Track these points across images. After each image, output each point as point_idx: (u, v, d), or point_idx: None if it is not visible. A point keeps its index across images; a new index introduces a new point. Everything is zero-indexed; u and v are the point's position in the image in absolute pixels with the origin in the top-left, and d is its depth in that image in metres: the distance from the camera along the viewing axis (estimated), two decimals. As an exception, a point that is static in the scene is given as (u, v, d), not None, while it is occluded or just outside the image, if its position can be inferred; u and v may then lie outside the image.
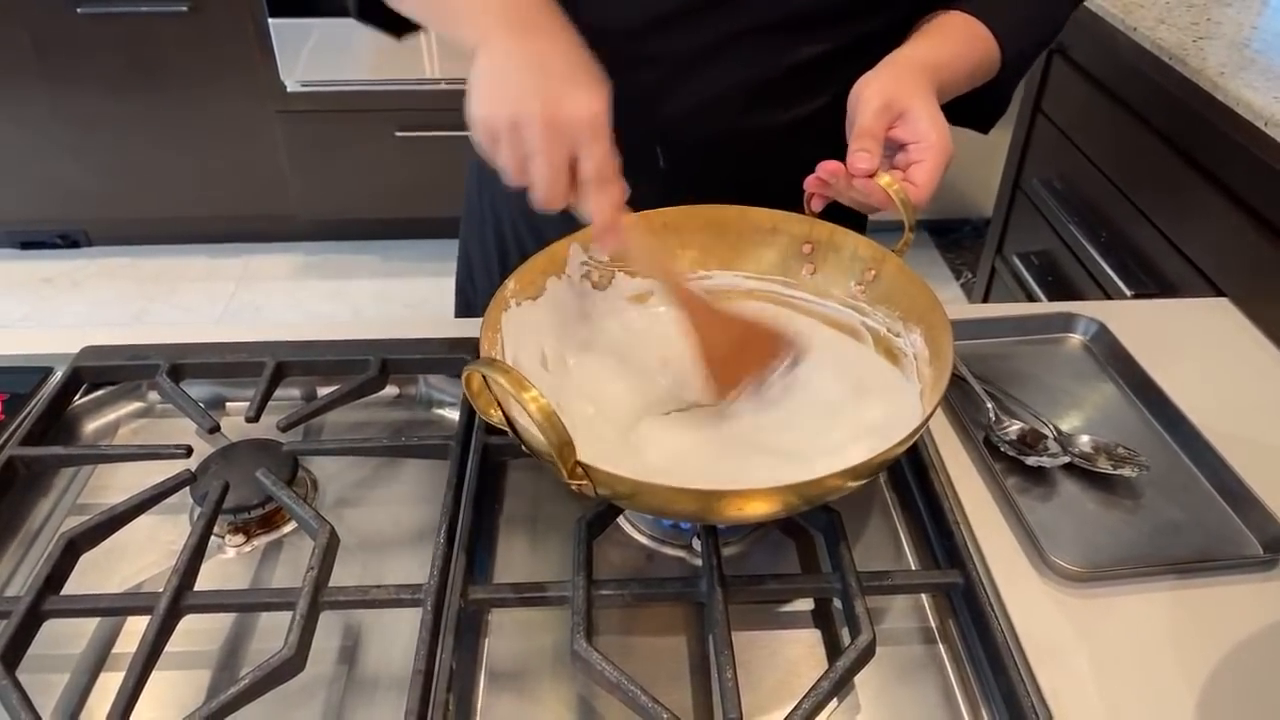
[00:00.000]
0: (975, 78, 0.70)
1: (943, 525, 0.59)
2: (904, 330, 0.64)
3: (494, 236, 0.89)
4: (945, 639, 0.57)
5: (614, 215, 0.56)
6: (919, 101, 0.61)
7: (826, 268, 0.69)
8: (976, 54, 0.69)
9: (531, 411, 0.46)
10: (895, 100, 0.61)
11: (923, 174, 0.60)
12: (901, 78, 0.62)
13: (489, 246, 0.90)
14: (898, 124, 0.62)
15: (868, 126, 0.61)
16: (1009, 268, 1.72)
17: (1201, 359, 0.79)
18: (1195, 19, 1.36)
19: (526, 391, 0.46)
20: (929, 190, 0.60)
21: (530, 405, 0.46)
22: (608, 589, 0.55)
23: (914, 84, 0.62)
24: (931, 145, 0.61)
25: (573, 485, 0.49)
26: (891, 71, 0.63)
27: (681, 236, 0.70)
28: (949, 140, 0.61)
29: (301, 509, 0.59)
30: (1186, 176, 1.26)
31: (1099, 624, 0.56)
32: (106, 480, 0.68)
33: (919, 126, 0.61)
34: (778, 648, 0.57)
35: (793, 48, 0.72)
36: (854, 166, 0.60)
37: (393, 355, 0.72)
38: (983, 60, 0.70)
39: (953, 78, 0.67)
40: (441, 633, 0.52)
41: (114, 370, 0.72)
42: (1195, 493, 0.66)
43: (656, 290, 0.70)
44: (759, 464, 0.60)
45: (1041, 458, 0.66)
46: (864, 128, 0.61)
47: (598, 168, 0.54)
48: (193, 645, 0.56)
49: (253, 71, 2.24)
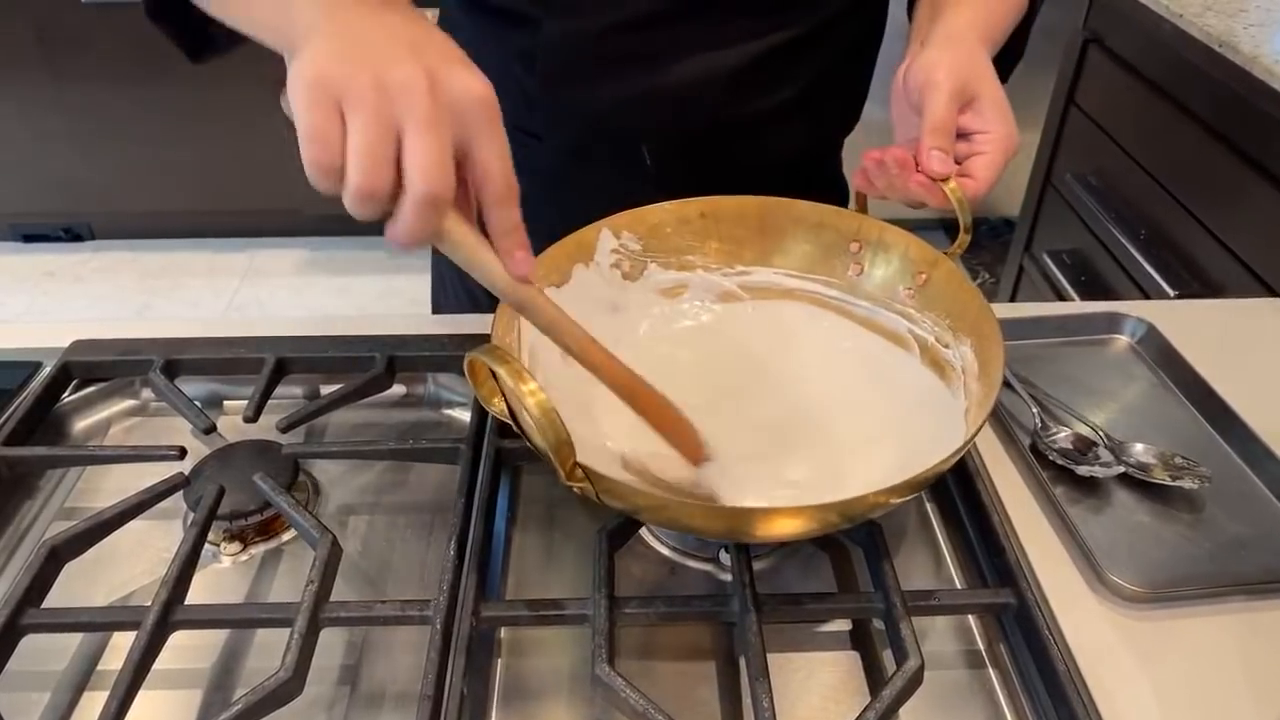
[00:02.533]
0: (1015, 21, 0.65)
1: (992, 540, 0.55)
2: (954, 341, 0.60)
3: None
4: (995, 663, 0.53)
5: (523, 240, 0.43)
6: (988, 86, 0.55)
7: (875, 269, 0.65)
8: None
9: (529, 407, 0.43)
10: (967, 85, 0.55)
11: (983, 168, 0.55)
12: (971, 56, 0.56)
13: None
14: (966, 111, 0.56)
15: (942, 119, 0.54)
16: (1038, 266, 1.67)
17: (1257, 362, 0.74)
18: (1244, 4, 1.30)
19: (525, 384, 0.42)
20: (988, 186, 0.55)
21: (528, 400, 0.42)
22: (631, 607, 0.51)
23: (983, 63, 0.56)
24: (998, 137, 0.55)
25: (574, 488, 0.45)
26: (956, 49, 0.57)
27: (720, 227, 0.65)
28: (1015, 131, 0.56)
29: (301, 516, 0.55)
30: (1235, 170, 1.21)
31: (1163, 650, 0.52)
32: (97, 483, 0.64)
33: (988, 115, 0.55)
34: (813, 670, 0.53)
35: (764, 34, 0.69)
36: (929, 168, 0.54)
37: (399, 352, 0.68)
38: (1019, 1, 0.65)
39: (1002, 34, 0.62)
40: (451, 653, 0.48)
41: (105, 366, 0.68)
42: (1258, 505, 0.61)
43: (691, 283, 0.66)
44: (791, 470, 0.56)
45: (1094, 467, 0.62)
46: (939, 121, 0.54)
47: (504, 168, 0.41)
48: (184, 662, 0.52)
49: (259, 63, 2.20)
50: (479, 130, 0.40)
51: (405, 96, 0.38)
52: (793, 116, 0.74)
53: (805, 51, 0.71)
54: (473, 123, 0.40)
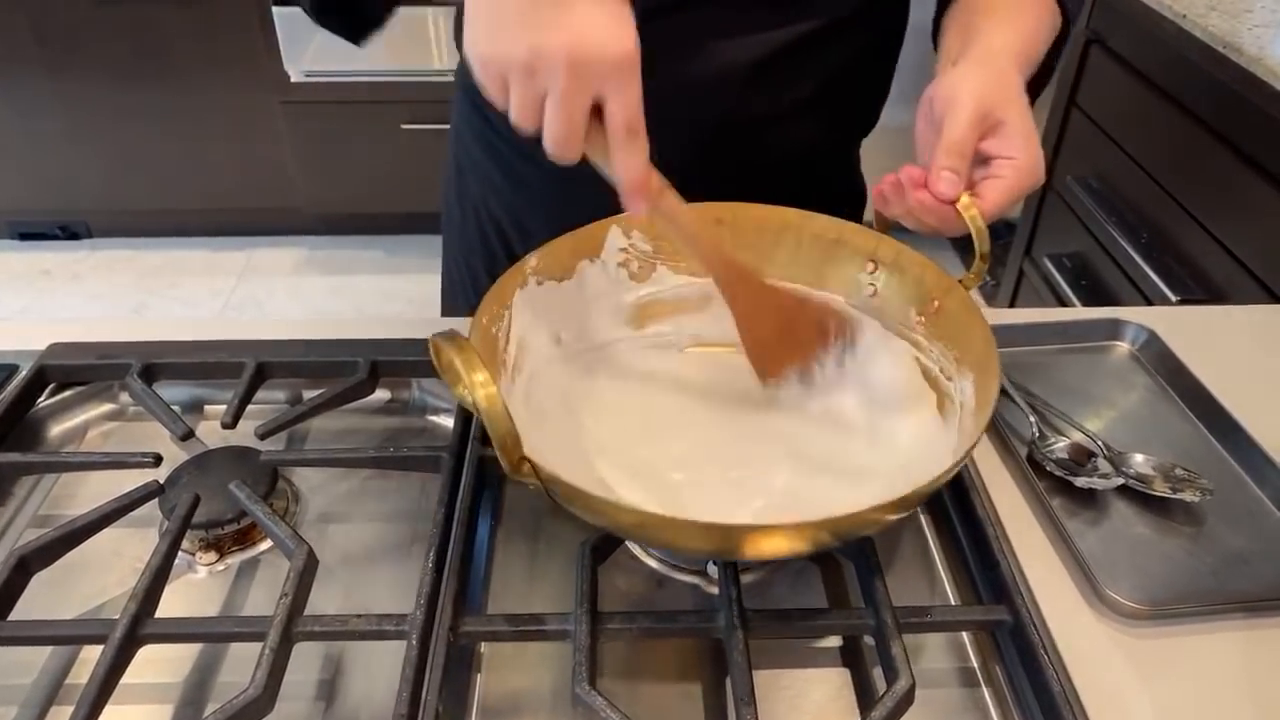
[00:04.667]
0: (1049, 44, 0.63)
1: (987, 555, 0.53)
2: (956, 375, 0.58)
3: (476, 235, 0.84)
4: (989, 681, 0.51)
5: (645, 172, 0.49)
6: (1016, 112, 0.53)
7: (889, 290, 0.62)
8: (1047, 19, 0.62)
9: (477, 399, 0.42)
10: (993, 110, 0.52)
11: (996, 191, 0.52)
12: (1001, 79, 0.54)
13: (472, 243, 0.85)
14: (990, 136, 0.53)
15: (958, 140, 0.52)
16: (1039, 270, 1.65)
17: (1262, 370, 0.72)
18: (1249, 5, 1.28)
19: (475, 374, 0.41)
20: (996, 210, 0.53)
21: (477, 391, 0.42)
22: (614, 623, 0.49)
23: (1015, 88, 0.54)
24: (1019, 165, 0.53)
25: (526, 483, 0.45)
26: (986, 72, 0.54)
27: (736, 237, 0.63)
28: (1039, 163, 0.53)
29: (277, 526, 0.53)
30: (1239, 174, 1.19)
31: (1163, 668, 0.50)
32: (73, 489, 0.63)
33: (1014, 143, 0.53)
34: (802, 688, 0.51)
35: (783, 26, 0.67)
36: (936, 189, 0.52)
37: (383, 357, 0.66)
38: (1054, 22, 0.63)
39: (1039, 55, 0.60)
40: (428, 670, 0.47)
41: (82, 370, 0.67)
42: (1262, 519, 0.60)
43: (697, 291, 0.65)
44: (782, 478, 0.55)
45: (1092, 478, 0.60)
46: (954, 141, 0.52)
47: (627, 117, 0.47)
48: (155, 676, 0.51)
49: (256, 61, 2.19)
50: (610, 89, 0.46)
51: (546, 74, 0.45)
52: (809, 114, 0.73)
53: (824, 46, 0.69)
54: (606, 82, 0.46)
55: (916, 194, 0.53)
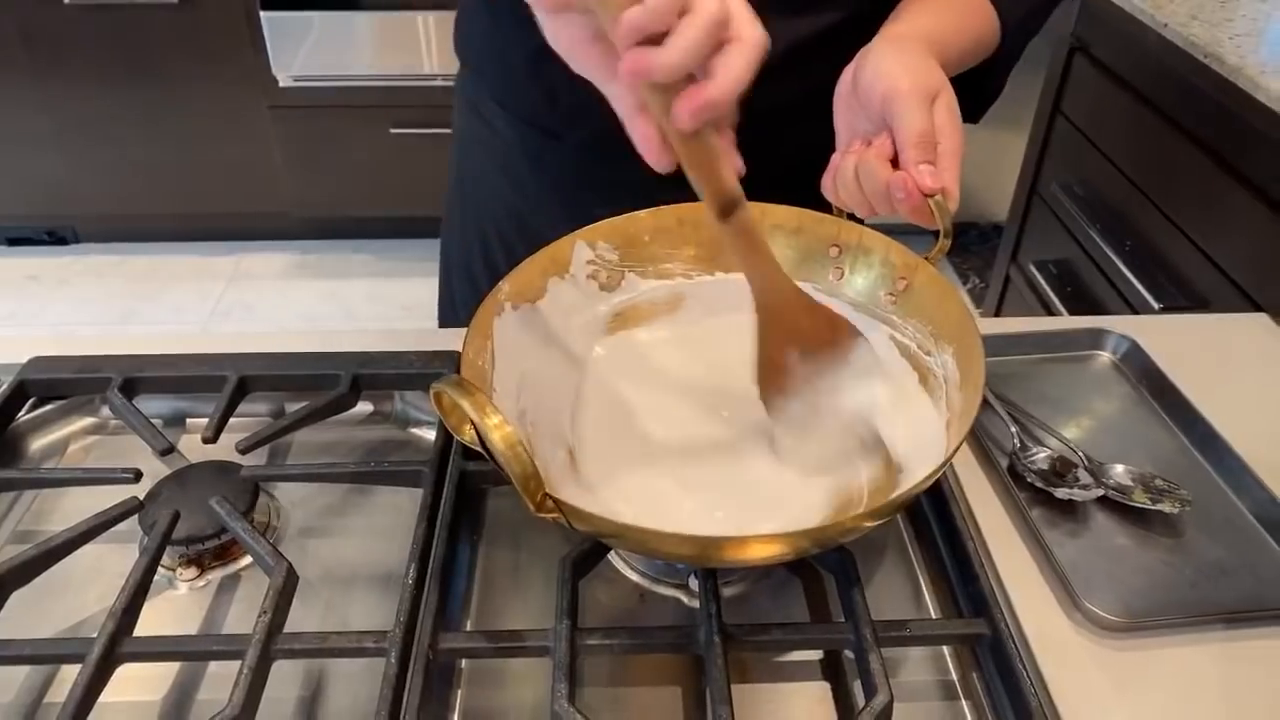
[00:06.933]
0: (976, 54, 0.64)
1: (967, 568, 0.53)
2: (935, 349, 0.58)
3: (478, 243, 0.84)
4: (968, 694, 0.52)
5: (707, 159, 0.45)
6: (944, 89, 0.54)
7: (855, 274, 0.63)
8: (976, 26, 0.63)
9: (494, 441, 0.41)
10: (930, 91, 0.53)
11: (951, 173, 0.53)
12: (926, 63, 0.55)
13: (473, 252, 0.85)
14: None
15: (921, 129, 0.52)
16: (1024, 276, 1.65)
17: (1242, 380, 0.73)
18: (1230, 14, 1.29)
19: (489, 418, 0.41)
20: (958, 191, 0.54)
21: (493, 435, 0.41)
22: (594, 638, 0.49)
23: (934, 64, 0.54)
24: (956, 149, 0.53)
25: (549, 519, 0.44)
26: (909, 56, 0.55)
27: (699, 232, 0.64)
28: (963, 135, 0.54)
29: (256, 543, 0.53)
30: (1220, 182, 1.20)
31: (1140, 681, 0.51)
32: (52, 504, 0.63)
33: (941, 119, 0.53)
34: (782, 701, 0.51)
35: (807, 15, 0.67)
36: (922, 184, 0.52)
37: (365, 370, 0.66)
38: (983, 34, 0.64)
39: (957, 55, 0.61)
40: (407, 687, 0.47)
41: (63, 384, 0.67)
42: (1241, 530, 0.60)
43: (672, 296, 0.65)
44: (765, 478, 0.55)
45: (1072, 490, 0.60)
46: (920, 131, 0.52)
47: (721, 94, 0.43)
48: (134, 694, 0.51)
49: (244, 65, 2.18)
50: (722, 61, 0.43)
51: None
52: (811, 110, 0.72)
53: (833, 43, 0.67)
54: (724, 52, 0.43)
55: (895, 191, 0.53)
